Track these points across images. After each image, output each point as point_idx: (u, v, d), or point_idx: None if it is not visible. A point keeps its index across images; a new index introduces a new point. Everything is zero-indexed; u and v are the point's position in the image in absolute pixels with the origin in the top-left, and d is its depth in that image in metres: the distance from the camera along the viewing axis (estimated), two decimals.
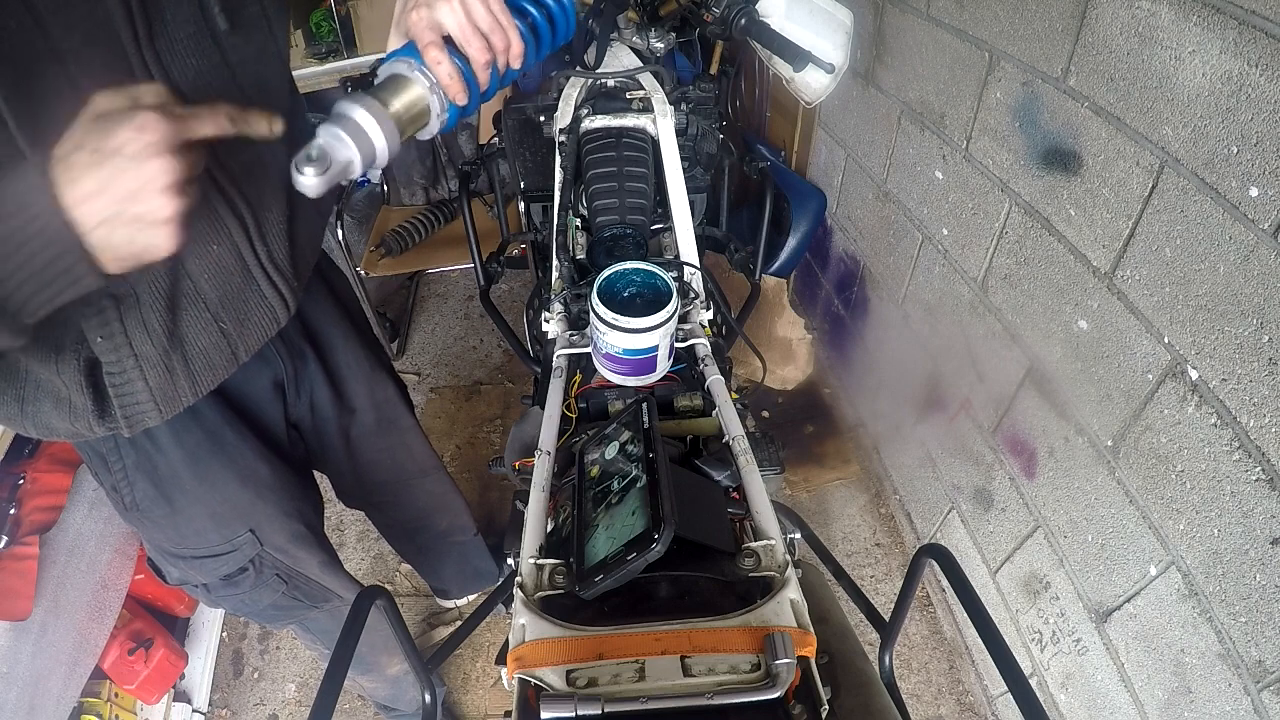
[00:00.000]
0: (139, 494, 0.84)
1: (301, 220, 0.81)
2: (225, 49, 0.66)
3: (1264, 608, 0.82)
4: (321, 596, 1.09)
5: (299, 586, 1.05)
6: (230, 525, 0.91)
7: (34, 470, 1.28)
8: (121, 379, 0.69)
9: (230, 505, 0.90)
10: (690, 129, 1.18)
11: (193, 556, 0.92)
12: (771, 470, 0.85)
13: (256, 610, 1.05)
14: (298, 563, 1.02)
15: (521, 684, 0.54)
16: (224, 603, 1.01)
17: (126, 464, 0.82)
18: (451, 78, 0.61)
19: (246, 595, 0.99)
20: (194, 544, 0.91)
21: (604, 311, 0.84)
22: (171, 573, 0.95)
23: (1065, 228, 1.08)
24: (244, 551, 0.94)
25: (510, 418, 2.20)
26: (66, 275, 0.48)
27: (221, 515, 0.90)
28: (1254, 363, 0.80)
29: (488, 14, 0.61)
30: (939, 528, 1.65)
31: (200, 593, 0.98)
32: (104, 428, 0.72)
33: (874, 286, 1.80)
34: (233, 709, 1.64)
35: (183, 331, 0.72)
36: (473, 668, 1.66)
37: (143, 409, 0.72)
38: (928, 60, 1.37)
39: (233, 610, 1.03)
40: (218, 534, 0.91)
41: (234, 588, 0.97)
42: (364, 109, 0.56)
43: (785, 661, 0.49)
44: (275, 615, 1.09)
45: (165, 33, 0.61)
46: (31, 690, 1.15)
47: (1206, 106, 0.80)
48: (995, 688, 1.49)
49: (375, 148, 0.57)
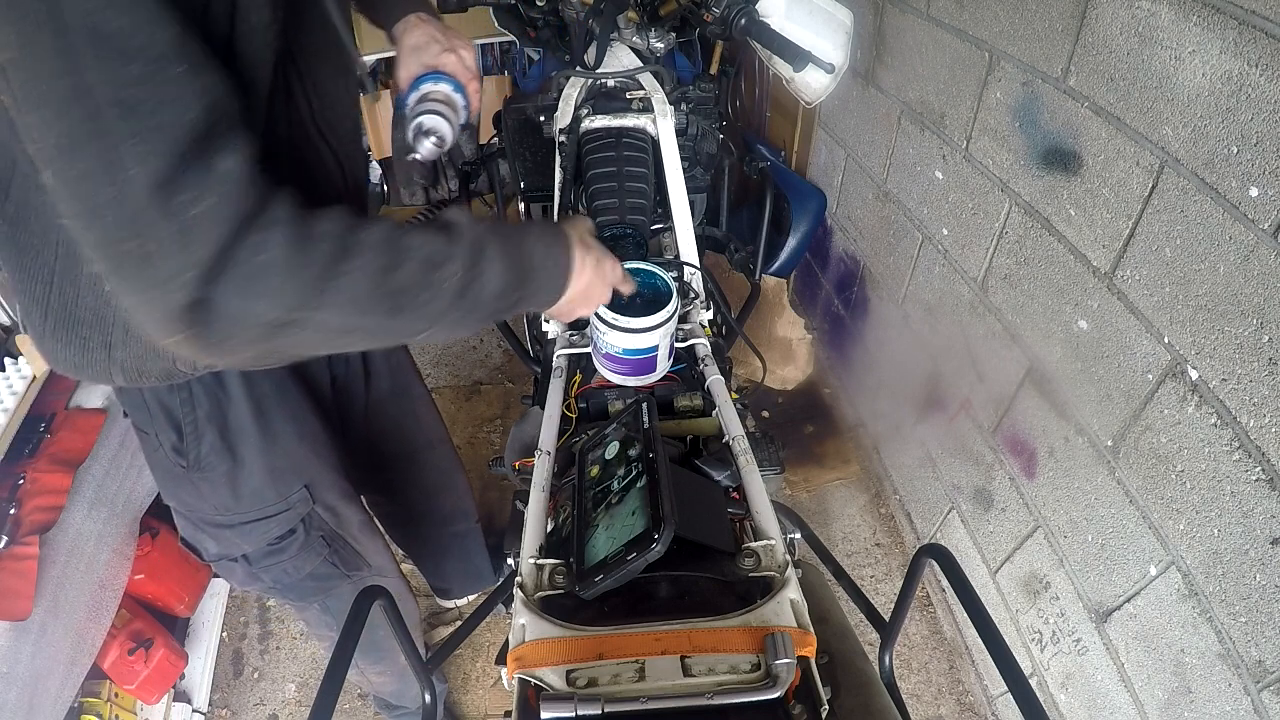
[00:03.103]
0: (205, 447, 0.85)
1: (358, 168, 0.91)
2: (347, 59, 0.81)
3: (1264, 608, 0.82)
4: (355, 564, 1.10)
5: (339, 551, 1.05)
6: (287, 481, 0.93)
7: (34, 470, 1.28)
8: None
9: (289, 460, 0.92)
10: (690, 129, 1.18)
11: (241, 523, 0.92)
12: (771, 470, 0.85)
13: (293, 582, 1.04)
14: (341, 523, 1.03)
15: (521, 684, 0.54)
16: (263, 575, 1.00)
17: (199, 415, 0.83)
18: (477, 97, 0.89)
19: (289, 563, 0.99)
20: (248, 505, 0.91)
21: (604, 311, 0.84)
22: (210, 547, 0.95)
23: (1065, 228, 1.08)
24: (297, 510, 0.95)
25: (510, 418, 2.20)
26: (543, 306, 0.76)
27: (280, 471, 0.91)
28: (1254, 363, 0.80)
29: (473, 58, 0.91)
30: (939, 528, 1.65)
31: (239, 568, 0.97)
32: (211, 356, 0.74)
33: (874, 286, 1.80)
34: (233, 709, 1.63)
35: None
36: (473, 668, 1.66)
37: None
38: (928, 60, 1.37)
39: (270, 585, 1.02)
40: (274, 491, 0.92)
41: (278, 555, 0.97)
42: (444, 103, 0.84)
43: (785, 661, 0.49)
44: (308, 590, 1.08)
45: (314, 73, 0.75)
46: (31, 690, 1.15)
47: (1206, 106, 0.80)
48: (995, 688, 1.49)
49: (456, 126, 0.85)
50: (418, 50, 0.87)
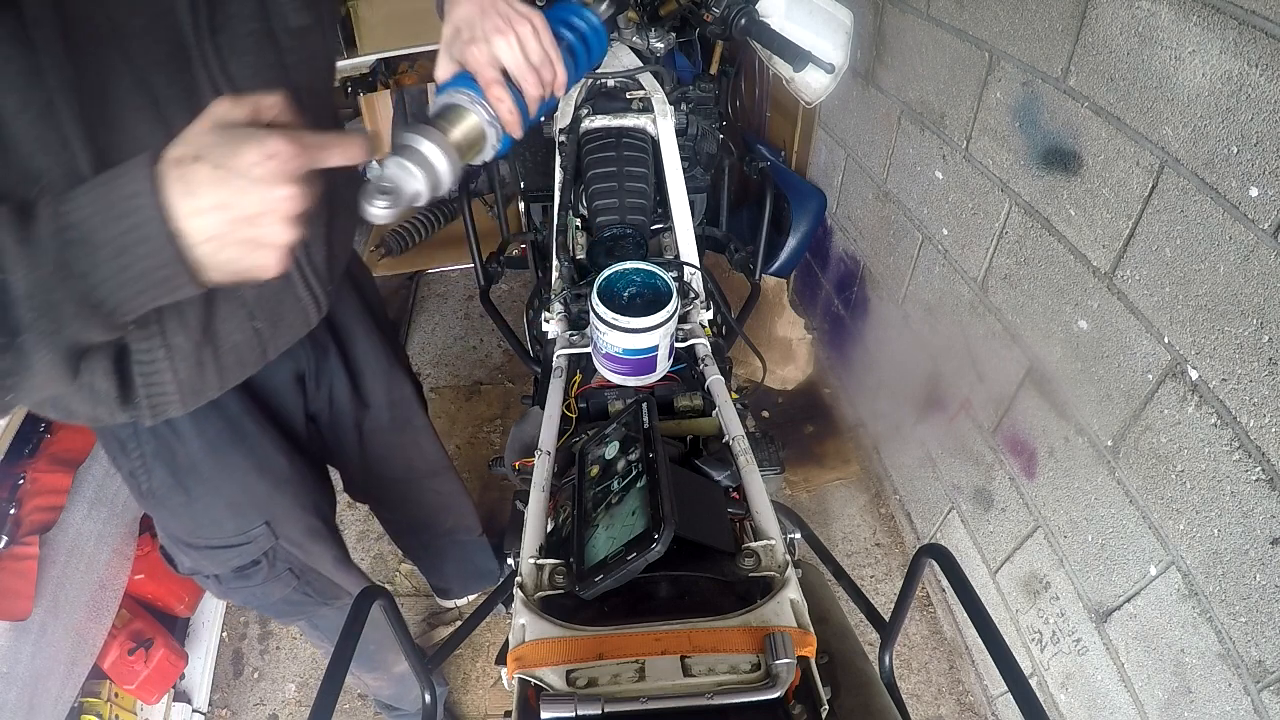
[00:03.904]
0: (156, 482, 0.84)
1: (337, 226, 0.82)
2: (283, 49, 0.67)
3: (1264, 608, 0.82)
4: (332, 593, 1.09)
5: (310, 582, 1.04)
6: (246, 516, 0.91)
7: (34, 470, 1.27)
8: (150, 368, 0.69)
9: (247, 496, 0.90)
10: (690, 129, 1.18)
11: (206, 547, 0.92)
12: (771, 470, 0.85)
13: (267, 604, 1.05)
14: (311, 558, 1.02)
15: (521, 684, 0.54)
16: (235, 595, 1.00)
17: (145, 451, 0.82)
18: (512, 113, 0.62)
19: (258, 588, 0.99)
20: (209, 534, 0.91)
21: (604, 311, 0.84)
22: (184, 562, 0.95)
23: (1065, 228, 1.08)
24: (258, 544, 0.94)
25: (510, 418, 2.20)
26: (166, 283, 0.48)
27: (238, 506, 0.90)
28: (1254, 363, 0.80)
29: (540, 49, 0.63)
30: (939, 528, 1.65)
31: (211, 583, 0.97)
32: (125, 414, 0.72)
33: (874, 286, 1.80)
34: (233, 709, 1.63)
35: (217, 326, 0.72)
36: (473, 668, 1.66)
37: (167, 399, 0.72)
38: (928, 60, 1.37)
39: (243, 603, 1.03)
40: (233, 524, 0.91)
41: (245, 580, 0.97)
42: (430, 140, 0.57)
43: (785, 661, 0.49)
44: (285, 610, 1.09)
45: (228, 26, 0.62)
46: (31, 690, 1.15)
47: (1206, 106, 0.80)
48: (995, 688, 1.49)
49: (440, 177, 0.58)
50: (449, 42, 0.65)
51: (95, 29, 0.53)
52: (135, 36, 0.56)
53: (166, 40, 0.58)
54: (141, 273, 0.46)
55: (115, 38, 0.54)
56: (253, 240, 0.47)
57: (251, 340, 0.76)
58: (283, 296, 0.77)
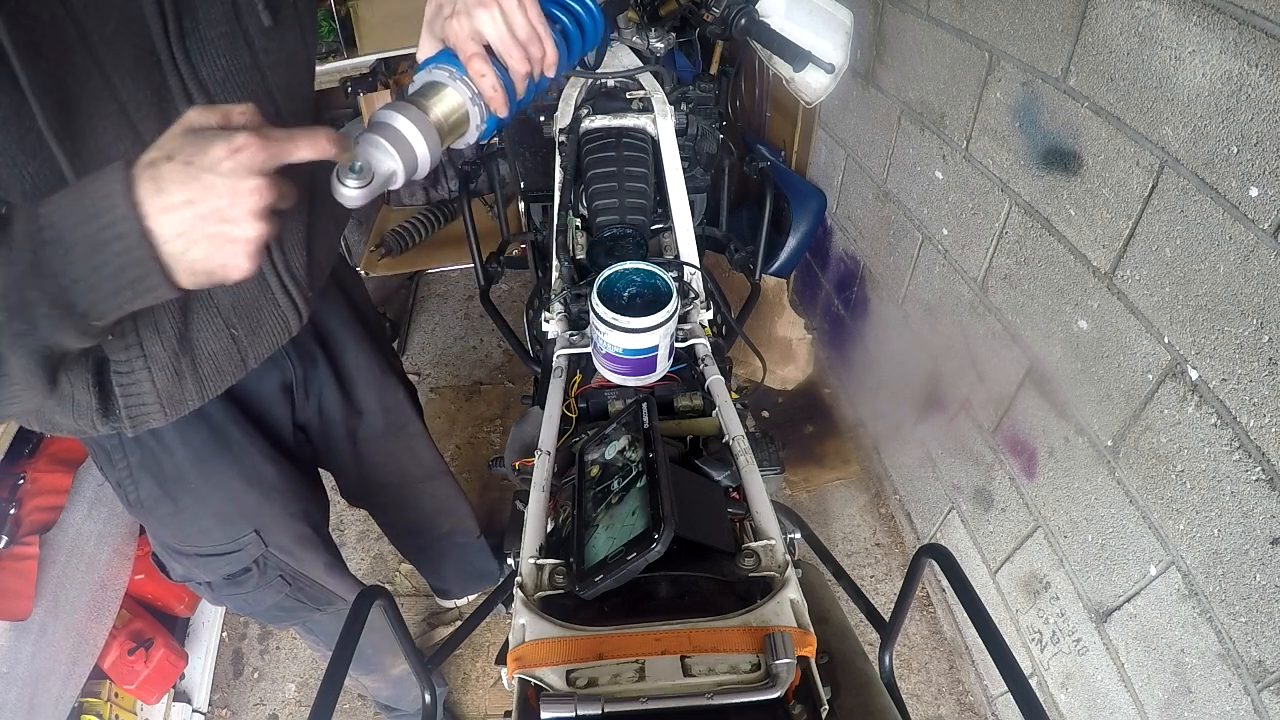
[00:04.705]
0: (143, 492, 0.84)
1: (319, 231, 0.81)
2: (257, 51, 0.66)
3: (1264, 608, 0.82)
4: (325, 599, 1.09)
5: (303, 589, 1.04)
6: (235, 525, 0.91)
7: (34, 470, 1.28)
8: (129, 379, 0.69)
9: (235, 505, 0.90)
10: (690, 129, 1.18)
11: (196, 554, 0.92)
12: (771, 470, 0.85)
13: (260, 610, 1.05)
14: (302, 565, 1.02)
15: (521, 684, 0.54)
16: (227, 601, 1.01)
17: (131, 462, 0.82)
18: (495, 89, 0.60)
19: (250, 595, 0.99)
20: (198, 542, 0.91)
21: (604, 311, 0.84)
22: (175, 569, 0.95)
23: (1065, 228, 1.08)
24: (248, 552, 0.93)
25: (510, 418, 2.20)
26: (139, 283, 0.48)
27: (226, 515, 0.90)
28: (1254, 363, 0.80)
29: (526, 24, 0.60)
30: (939, 528, 1.65)
31: (204, 590, 0.98)
32: (107, 426, 0.72)
33: (874, 286, 1.80)
34: (233, 709, 1.63)
35: (193, 335, 0.72)
36: (473, 668, 1.66)
37: (148, 410, 0.72)
38: (928, 60, 1.37)
39: (236, 609, 1.03)
40: (222, 533, 0.91)
41: (237, 587, 0.97)
42: (406, 117, 0.54)
43: (785, 661, 0.49)
44: (278, 616, 1.09)
45: (196, 30, 0.61)
46: (31, 690, 1.15)
47: (1206, 106, 0.80)
48: (995, 688, 1.49)
49: (418, 157, 0.55)
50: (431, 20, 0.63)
51: (62, 35, 0.53)
52: (104, 43, 0.55)
53: (135, 45, 0.58)
54: (114, 271, 0.46)
55: (83, 44, 0.54)
56: (220, 235, 0.47)
57: (230, 349, 0.75)
58: (260, 303, 0.76)
